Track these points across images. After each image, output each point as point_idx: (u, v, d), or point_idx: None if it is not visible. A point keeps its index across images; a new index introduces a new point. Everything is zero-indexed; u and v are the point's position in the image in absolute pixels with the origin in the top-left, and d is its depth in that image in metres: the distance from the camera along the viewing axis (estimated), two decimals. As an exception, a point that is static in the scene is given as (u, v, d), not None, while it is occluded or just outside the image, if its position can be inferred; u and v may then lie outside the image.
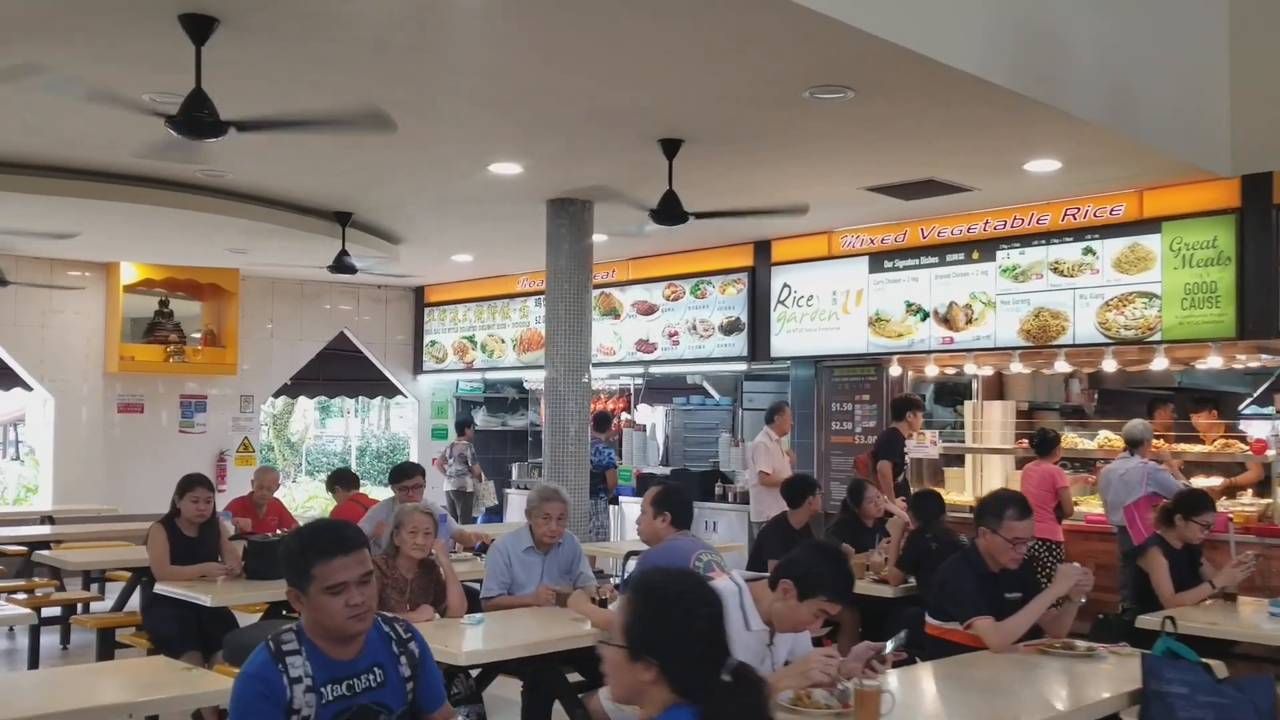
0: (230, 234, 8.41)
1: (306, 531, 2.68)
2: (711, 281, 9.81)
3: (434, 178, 7.19)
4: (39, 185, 6.89)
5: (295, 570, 2.55)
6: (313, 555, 2.53)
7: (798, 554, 3.32)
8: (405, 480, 6.53)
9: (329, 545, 2.54)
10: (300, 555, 2.55)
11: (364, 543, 2.62)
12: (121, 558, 6.81)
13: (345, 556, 2.54)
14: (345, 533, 2.62)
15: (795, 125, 5.80)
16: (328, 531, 2.63)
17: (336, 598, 2.51)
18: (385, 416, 31.23)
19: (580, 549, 5.18)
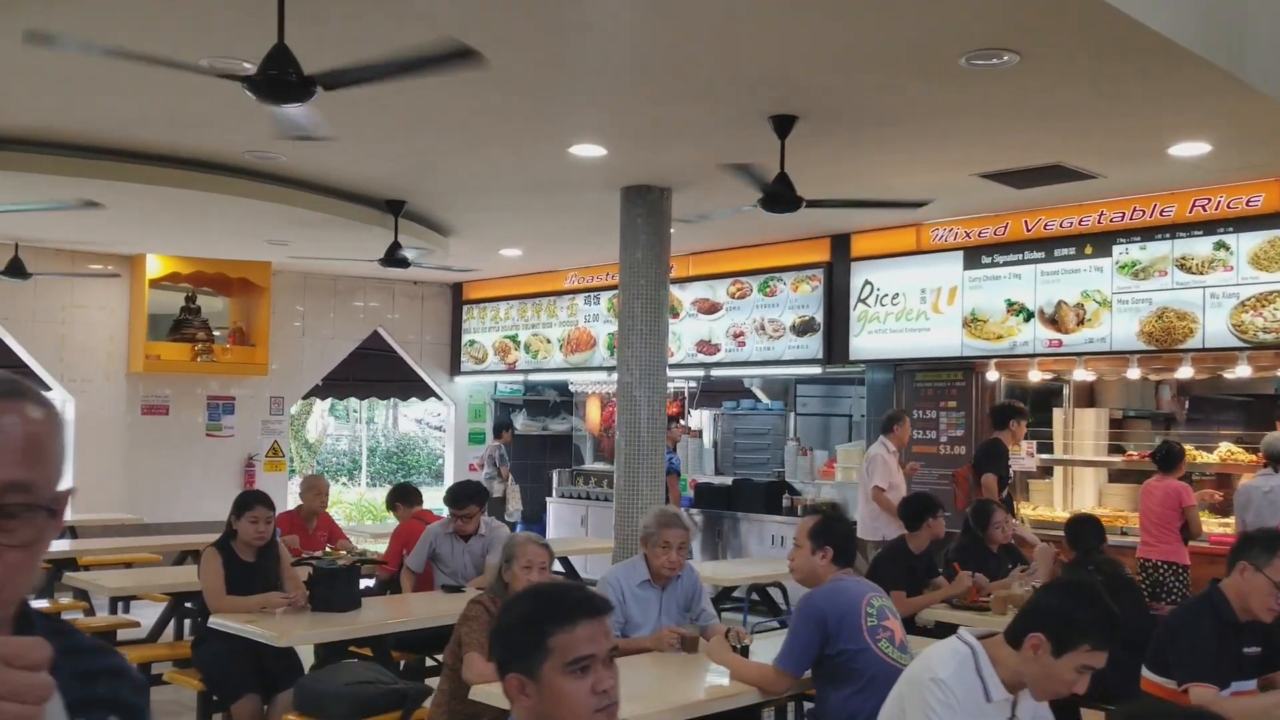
0: (275, 223, 7.74)
1: (534, 592, 2.04)
2: (782, 278, 9.13)
3: (506, 161, 6.52)
4: (79, 168, 6.23)
5: (520, 643, 1.89)
6: (549, 620, 1.88)
7: (1043, 599, 2.66)
8: (457, 506, 5.86)
9: (571, 607, 1.91)
10: (531, 621, 1.90)
11: (611, 607, 1.99)
12: (160, 580, 6.13)
13: (593, 622, 1.90)
14: (588, 592, 1.99)
15: (934, 99, 5.12)
16: (566, 591, 1.99)
17: (581, 679, 1.86)
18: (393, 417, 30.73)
19: (700, 582, 4.51)
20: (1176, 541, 6.68)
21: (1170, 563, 6.67)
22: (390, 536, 6.32)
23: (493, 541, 5.96)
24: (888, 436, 7.65)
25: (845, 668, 3.45)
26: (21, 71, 5.01)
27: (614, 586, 4.29)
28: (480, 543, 5.96)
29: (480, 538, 5.96)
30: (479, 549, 5.95)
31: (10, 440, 1.03)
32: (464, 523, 5.85)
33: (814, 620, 3.50)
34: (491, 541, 5.96)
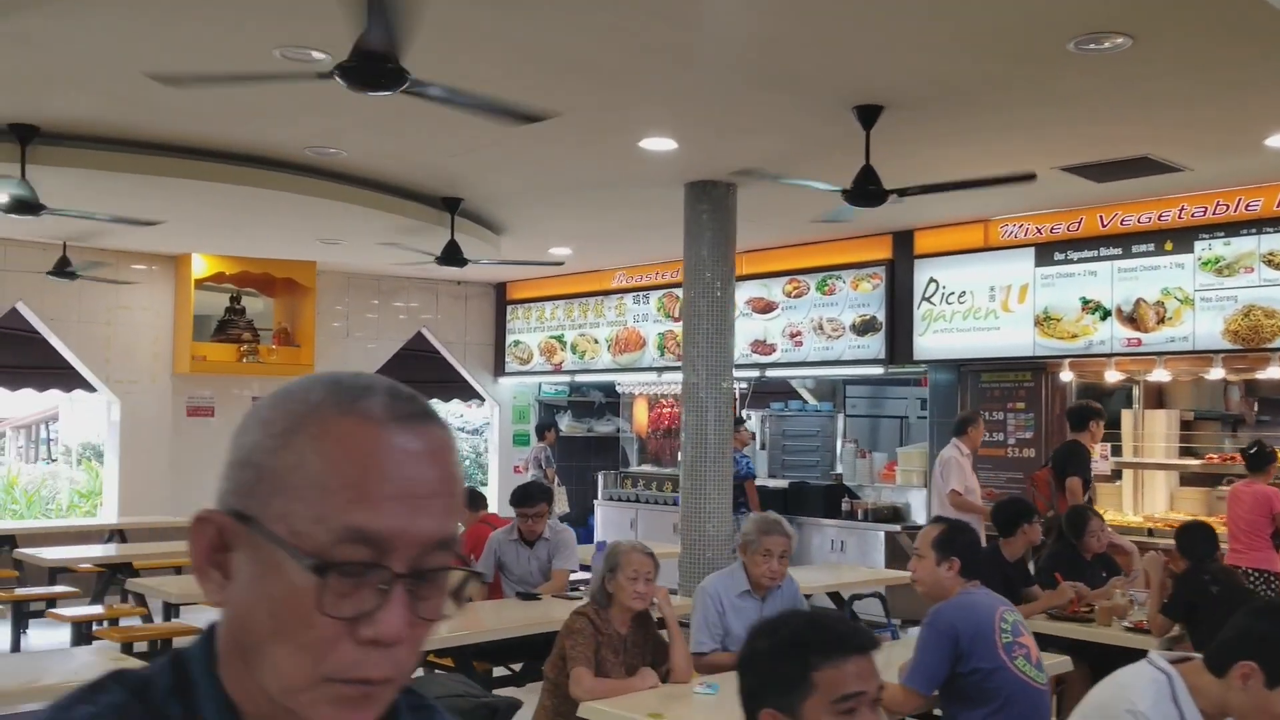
0: (329, 220, 7.60)
1: (796, 621, 1.86)
2: (841, 276, 8.92)
3: (570, 156, 6.34)
4: (138, 163, 6.10)
5: (780, 675, 1.73)
6: (816, 652, 1.72)
7: (1253, 624, 2.43)
8: (525, 506, 5.70)
9: (841, 639, 1.74)
10: (794, 652, 1.73)
11: (878, 645, 1.82)
12: None
13: (863, 658, 1.73)
14: (855, 625, 1.82)
15: (1034, 86, 4.91)
16: (834, 621, 1.83)
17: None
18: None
19: (800, 593, 4.32)
20: (1268, 548, 6.42)
21: (1262, 570, 6.41)
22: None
23: (558, 545, 5.80)
24: (960, 439, 7.43)
25: (979, 687, 3.25)
26: (78, 64, 4.88)
27: (712, 597, 4.10)
28: (545, 547, 5.79)
29: (545, 542, 5.79)
30: (544, 554, 5.79)
31: (429, 483, 0.80)
32: (533, 523, 5.68)
33: (945, 637, 3.30)
34: (557, 545, 5.80)
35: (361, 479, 0.78)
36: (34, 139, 5.85)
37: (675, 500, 10.52)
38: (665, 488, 10.72)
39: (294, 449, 0.79)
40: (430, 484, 0.80)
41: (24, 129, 5.79)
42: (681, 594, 6.69)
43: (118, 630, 6.08)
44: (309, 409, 0.81)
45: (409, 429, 0.81)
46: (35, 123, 5.78)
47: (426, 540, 0.79)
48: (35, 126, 5.82)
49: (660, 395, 11.22)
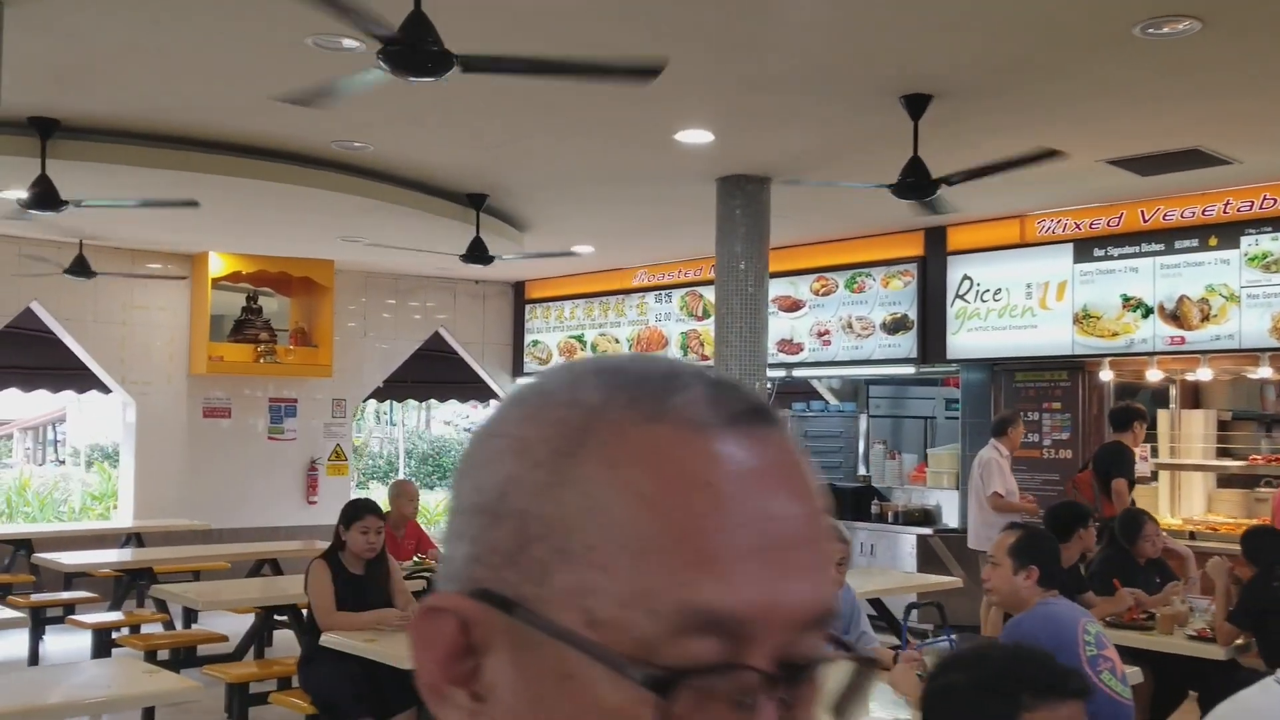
0: (351, 217, 7.44)
1: (1000, 656, 1.70)
2: (871, 274, 8.74)
3: (601, 150, 6.18)
4: (167, 159, 5.95)
5: (989, 716, 1.56)
6: (1029, 693, 1.56)
7: None
8: None
9: (1054, 681, 1.59)
10: (1003, 691, 1.56)
11: (1089, 689, 1.67)
12: (250, 593, 5.82)
13: (1076, 703, 1.57)
14: (1066, 666, 1.66)
15: (1094, 73, 4.73)
16: (1042, 660, 1.66)
17: None
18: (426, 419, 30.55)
19: (858, 602, 4.14)
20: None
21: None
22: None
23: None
24: (1000, 440, 7.25)
25: (1063, 703, 3.07)
26: (100, 54, 4.72)
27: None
28: None
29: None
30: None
31: (794, 522, 0.52)
32: None
33: (1025, 648, 3.12)
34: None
35: (698, 526, 0.49)
36: (54, 133, 5.71)
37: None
38: (688, 489, 10.56)
39: (579, 484, 0.50)
40: (795, 524, 0.51)
41: (44, 123, 5.64)
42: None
43: (140, 638, 5.92)
44: (590, 416, 0.52)
45: (750, 437, 0.52)
46: (56, 116, 5.64)
47: (799, 616, 0.51)
48: (55, 120, 5.67)
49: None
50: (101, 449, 19.25)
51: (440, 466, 27.02)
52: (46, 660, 7.13)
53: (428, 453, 27.62)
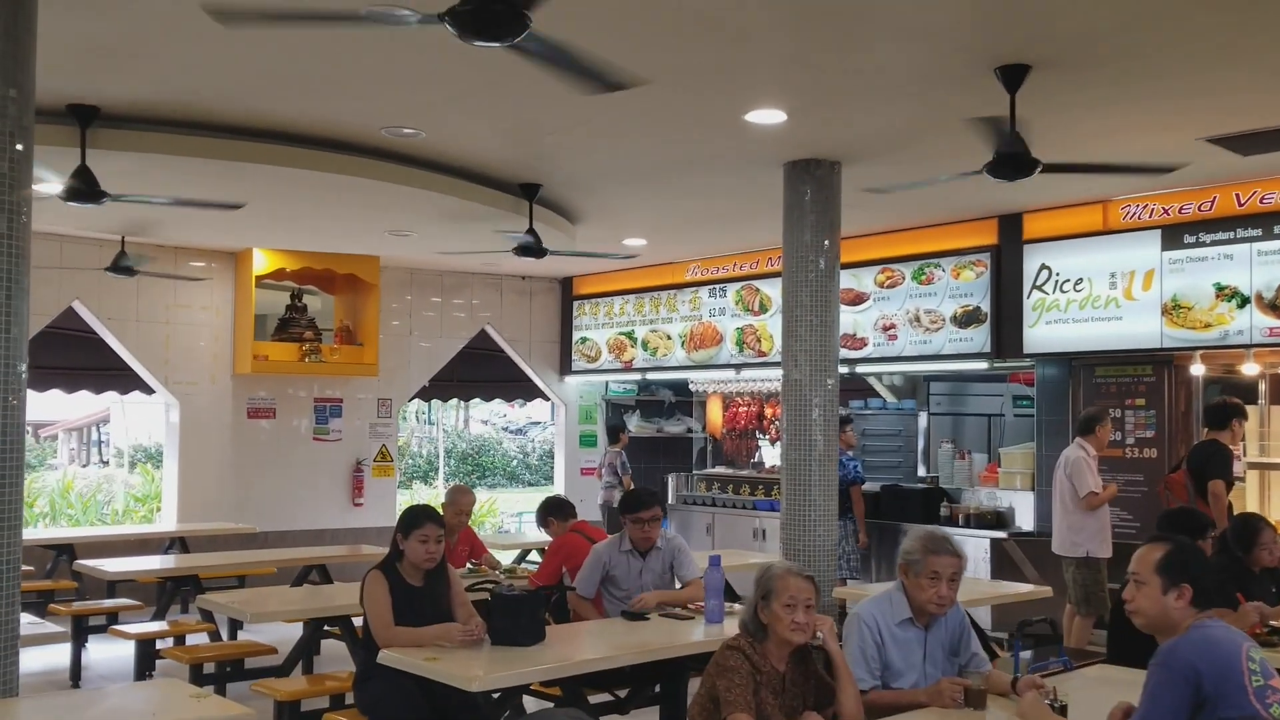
0: (401, 210, 7.15)
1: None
2: (940, 264, 8.32)
3: (667, 132, 5.83)
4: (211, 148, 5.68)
5: None
6: None
7: None
8: (641, 510, 5.20)
9: None
10: None
11: None
12: (299, 603, 5.53)
13: None
14: None
15: (1213, 40, 4.32)
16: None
17: None
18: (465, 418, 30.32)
19: (967, 620, 3.77)
20: None
21: None
22: (546, 552, 5.65)
23: (673, 555, 5.30)
24: (1087, 438, 6.84)
25: (1227, 741, 2.69)
26: (141, 34, 4.44)
27: (869, 626, 3.56)
28: (659, 558, 5.29)
29: (658, 551, 5.29)
30: (658, 565, 5.29)
31: None
32: (648, 529, 5.18)
33: (1184, 680, 2.73)
34: (672, 555, 5.30)
35: None
36: (94, 121, 5.45)
37: (755, 505, 10.03)
38: (743, 490, 10.20)
39: None
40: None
41: (83, 110, 5.39)
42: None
43: (185, 651, 5.66)
44: None
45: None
46: (95, 103, 5.38)
47: None
48: (95, 107, 5.41)
49: (736, 394, 10.68)
50: (145, 450, 19.20)
51: (480, 466, 26.81)
52: (89, 670, 6.91)
53: (467, 452, 27.41)
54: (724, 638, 3.29)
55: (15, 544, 3.49)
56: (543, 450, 29.95)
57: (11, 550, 3.47)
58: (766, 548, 9.87)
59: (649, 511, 5.16)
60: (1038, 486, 8.09)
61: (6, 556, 3.47)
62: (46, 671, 6.73)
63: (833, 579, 6.35)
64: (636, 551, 5.27)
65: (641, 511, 5.17)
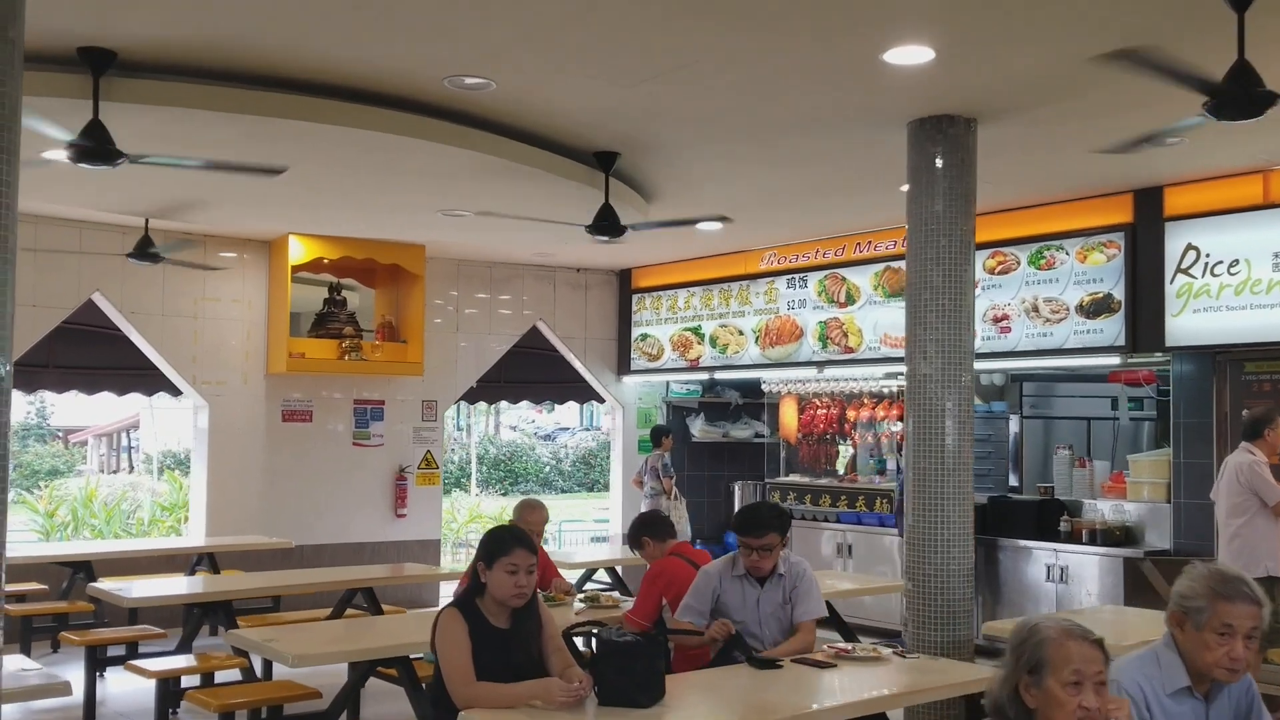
0: (462, 182, 6.26)
1: None
2: (1064, 246, 7.35)
3: (783, 82, 4.91)
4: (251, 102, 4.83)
5: None
6: None
7: None
8: (751, 535, 4.27)
9: None
10: None
11: None
12: (347, 640, 4.62)
13: None
14: None
15: None
16: None
17: None
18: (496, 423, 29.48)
19: (1255, 686, 2.81)
20: None
21: None
22: (643, 580, 4.74)
23: (798, 583, 4.37)
24: (1254, 443, 5.89)
25: None
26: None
27: (1134, 699, 2.62)
28: (780, 586, 4.37)
29: (779, 579, 4.37)
30: (779, 595, 4.37)
31: None
32: (758, 558, 4.27)
33: None
34: (796, 583, 4.37)
35: None
36: (109, 68, 4.60)
37: (839, 517, 9.08)
38: (823, 501, 9.26)
39: None
40: None
41: (97, 55, 4.54)
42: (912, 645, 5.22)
43: (213, 695, 4.77)
44: None
45: None
46: (111, 47, 4.53)
47: None
48: (112, 52, 4.56)
49: (814, 394, 9.73)
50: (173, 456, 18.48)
51: (512, 472, 25.96)
52: (105, 706, 6.08)
53: (499, 458, 26.56)
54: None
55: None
56: (576, 456, 29.10)
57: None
58: (851, 565, 8.94)
59: (761, 538, 4.24)
60: (1174, 498, 7.10)
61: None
62: (61, 709, 5.89)
63: (969, 610, 5.41)
64: (751, 578, 4.35)
65: (751, 536, 4.25)
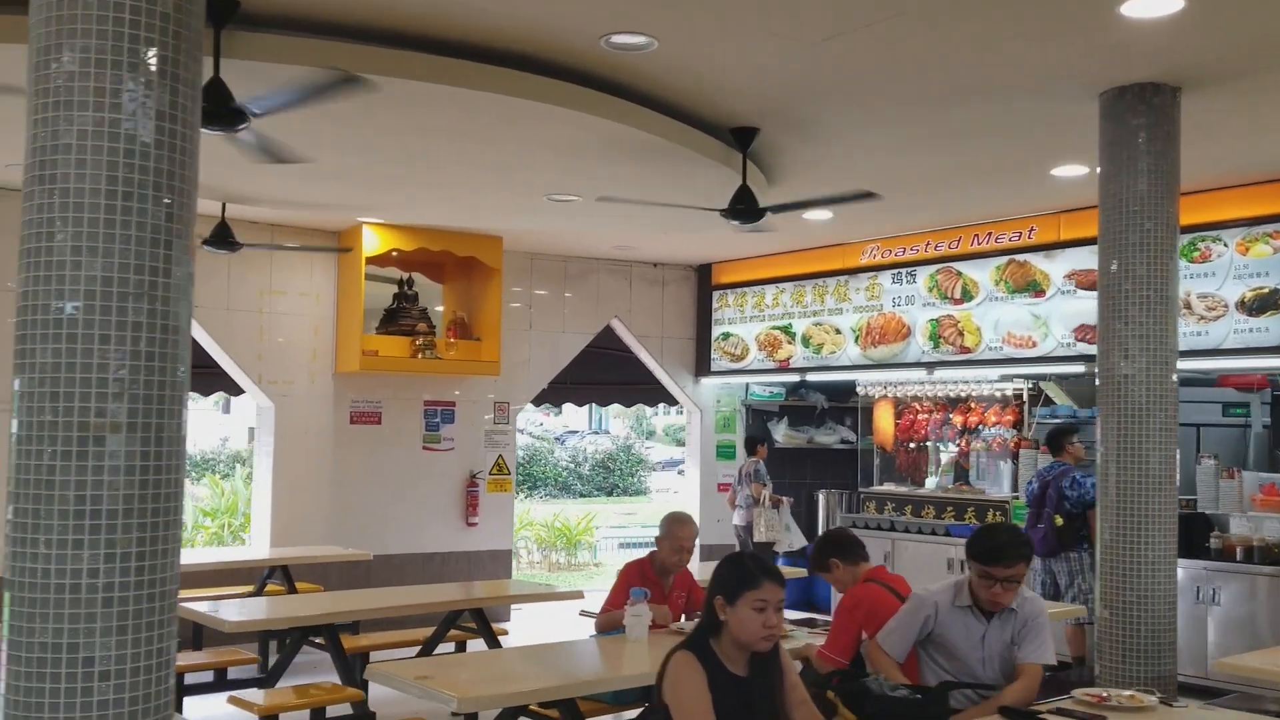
0: (588, 159, 5.66)
1: None
2: (1220, 236, 6.76)
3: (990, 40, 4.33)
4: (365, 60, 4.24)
5: None
6: None
7: None
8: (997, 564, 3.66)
9: None
10: None
11: None
12: (521, 680, 3.99)
13: None
14: None
15: None
16: None
17: None
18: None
19: None
20: None
21: None
22: (837, 610, 4.13)
23: (1030, 620, 3.77)
24: None
25: None
26: None
27: None
28: (1010, 623, 3.76)
29: (1010, 614, 3.77)
30: (1006, 633, 3.76)
31: None
32: (1005, 590, 3.66)
33: None
34: (1028, 620, 3.77)
35: None
36: (232, 18, 4.02)
37: (948, 529, 8.46)
38: (926, 513, 8.65)
39: None
40: None
41: (221, 3, 3.95)
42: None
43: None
44: None
45: None
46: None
47: None
48: (236, 1, 3.98)
49: (914, 398, 9.13)
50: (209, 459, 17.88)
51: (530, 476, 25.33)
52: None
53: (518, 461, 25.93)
54: None
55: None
56: (595, 460, 28.48)
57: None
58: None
59: (1011, 567, 3.64)
60: (1343, 513, 6.50)
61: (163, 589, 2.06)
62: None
63: (1173, 642, 4.80)
64: (978, 610, 3.75)
65: (999, 565, 3.64)
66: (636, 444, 31.02)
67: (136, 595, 2.21)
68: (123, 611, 2.19)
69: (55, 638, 2.16)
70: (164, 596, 2.28)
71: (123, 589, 2.20)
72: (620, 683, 3.95)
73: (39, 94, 2.26)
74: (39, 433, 2.20)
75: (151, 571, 2.24)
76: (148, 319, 2.25)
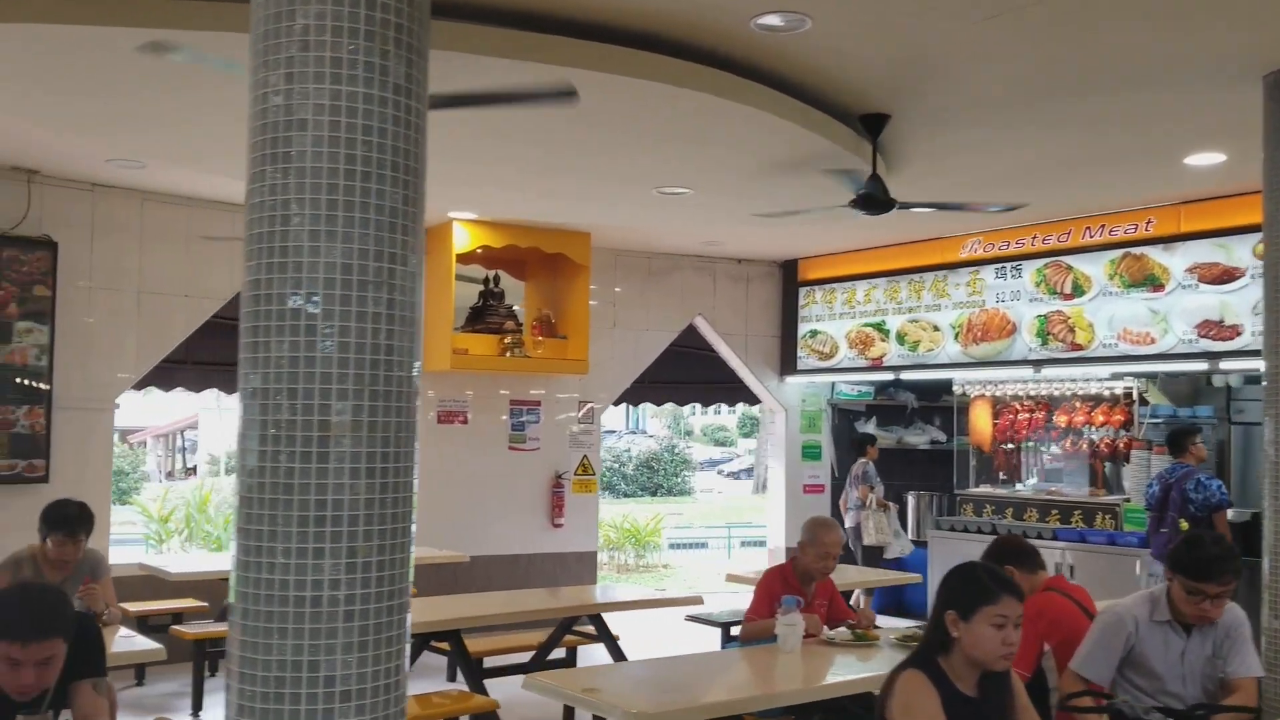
0: (715, 148, 5.45)
1: None
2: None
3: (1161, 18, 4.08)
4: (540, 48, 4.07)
5: None
6: None
7: None
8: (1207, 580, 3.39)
9: None
10: None
11: None
12: (697, 692, 3.79)
13: None
14: None
15: None
16: None
17: None
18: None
19: None
20: None
21: None
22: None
23: (1231, 632, 3.52)
24: None
25: None
26: None
27: None
28: (1210, 636, 3.52)
29: (1210, 627, 3.52)
30: (1208, 647, 3.51)
31: None
32: (1214, 606, 3.42)
33: None
34: (1230, 632, 3.52)
35: None
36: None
37: (1055, 533, 8.15)
38: (1028, 515, 8.37)
39: None
40: None
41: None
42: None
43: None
44: None
45: None
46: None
47: None
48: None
49: (1014, 397, 8.85)
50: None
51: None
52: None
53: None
54: None
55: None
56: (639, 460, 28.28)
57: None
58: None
59: (1223, 583, 3.38)
60: None
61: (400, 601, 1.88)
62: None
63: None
64: (1178, 624, 3.51)
65: (1210, 581, 3.38)
66: (680, 444, 30.85)
67: (376, 608, 2.05)
68: (364, 626, 2.03)
69: (295, 654, 1.99)
70: (401, 609, 2.11)
71: (364, 601, 2.03)
72: (809, 695, 3.74)
73: (267, 65, 2.09)
74: (275, 432, 2.03)
75: (390, 582, 2.07)
76: (386, 310, 2.08)
